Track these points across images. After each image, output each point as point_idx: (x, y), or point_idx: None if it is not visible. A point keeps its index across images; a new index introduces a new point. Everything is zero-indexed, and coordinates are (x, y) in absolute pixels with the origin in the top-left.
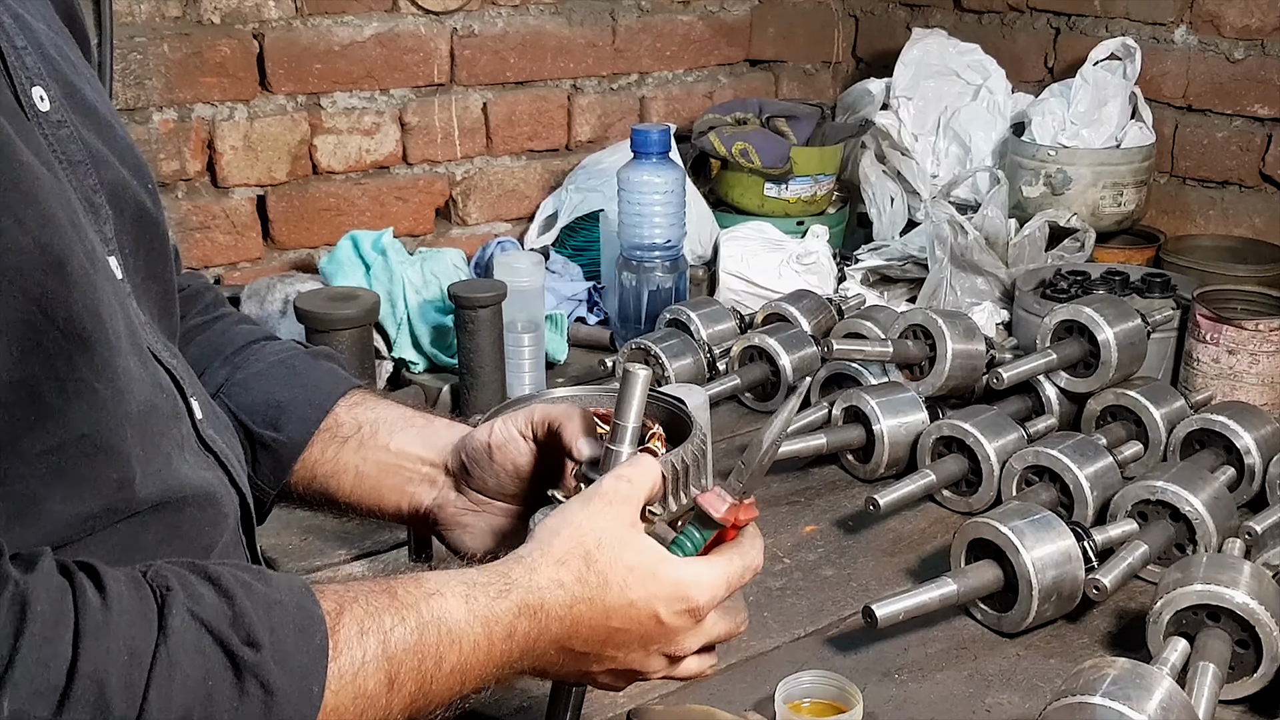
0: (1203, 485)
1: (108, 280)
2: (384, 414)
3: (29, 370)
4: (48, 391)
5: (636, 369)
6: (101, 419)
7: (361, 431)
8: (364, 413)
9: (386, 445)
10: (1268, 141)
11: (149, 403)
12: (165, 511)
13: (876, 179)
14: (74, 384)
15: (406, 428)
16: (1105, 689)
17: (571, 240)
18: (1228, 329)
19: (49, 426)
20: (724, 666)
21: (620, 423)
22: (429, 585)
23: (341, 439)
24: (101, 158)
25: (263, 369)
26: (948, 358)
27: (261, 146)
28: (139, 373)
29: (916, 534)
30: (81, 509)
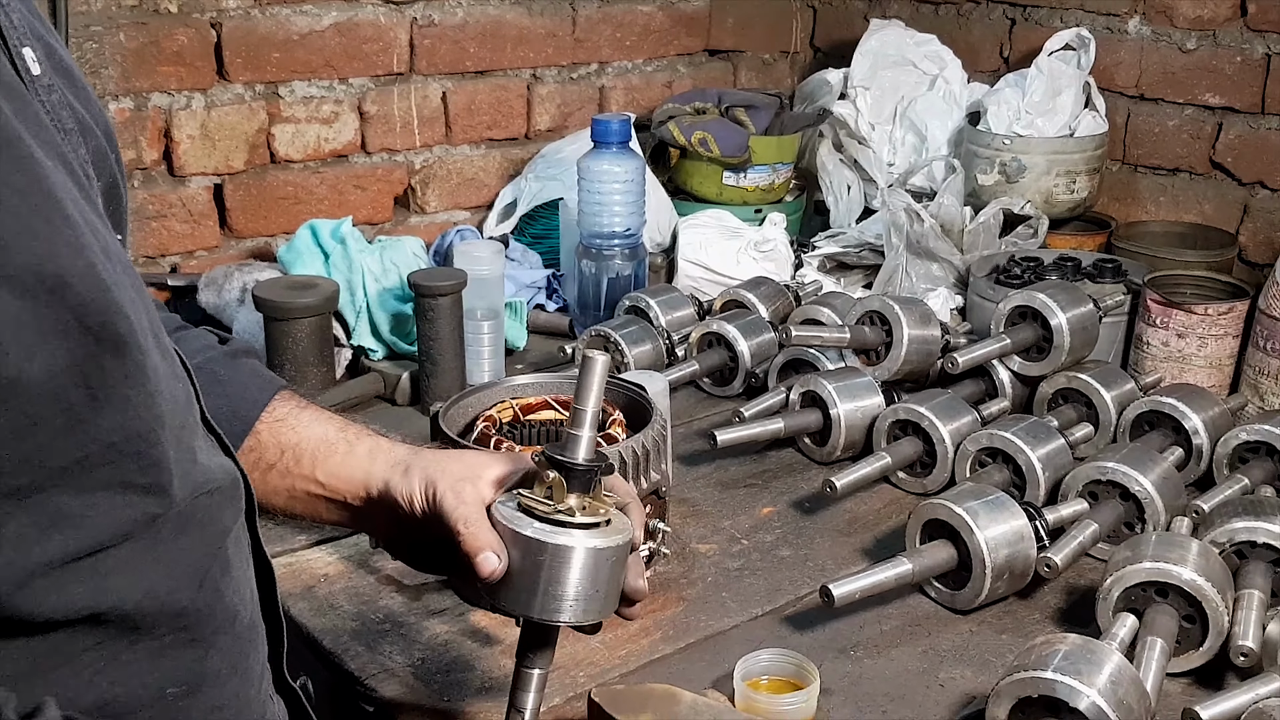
0: (1151, 465)
1: (125, 272)
2: (306, 436)
3: (61, 381)
4: (78, 401)
5: (595, 354)
6: (133, 425)
7: (284, 458)
8: (286, 434)
9: (313, 475)
10: (1218, 129)
11: (174, 397)
12: (196, 507)
13: (834, 167)
14: (105, 391)
15: (330, 455)
16: (1056, 664)
17: (530, 228)
18: (1177, 313)
19: (78, 437)
20: (681, 646)
21: (580, 407)
22: None
23: (267, 464)
24: (86, 125)
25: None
26: (904, 343)
27: (219, 135)
28: (164, 367)
29: (872, 515)
30: (117, 517)
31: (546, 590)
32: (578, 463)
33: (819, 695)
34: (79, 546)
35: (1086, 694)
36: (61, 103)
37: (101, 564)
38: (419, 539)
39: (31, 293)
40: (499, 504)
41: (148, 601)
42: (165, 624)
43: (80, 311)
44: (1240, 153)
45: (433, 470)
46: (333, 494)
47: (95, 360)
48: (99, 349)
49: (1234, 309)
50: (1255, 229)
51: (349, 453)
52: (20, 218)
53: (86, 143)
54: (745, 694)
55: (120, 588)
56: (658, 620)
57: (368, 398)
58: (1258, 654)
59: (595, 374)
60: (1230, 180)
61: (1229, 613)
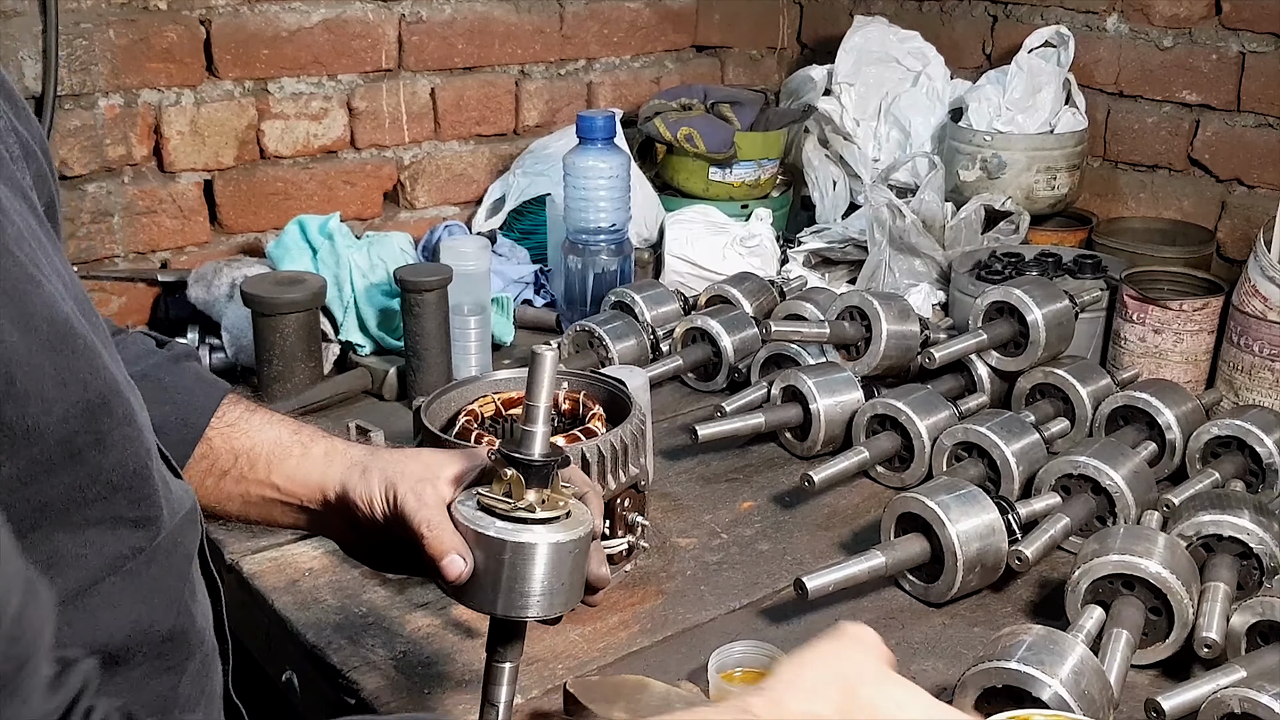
0: (1123, 460)
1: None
2: (259, 440)
3: (74, 427)
4: (85, 445)
5: (544, 349)
6: (129, 463)
7: (239, 463)
8: (239, 439)
9: (268, 479)
10: (1195, 127)
11: (148, 428)
12: (172, 533)
13: (819, 163)
14: (109, 434)
15: (285, 458)
16: (1021, 654)
17: (519, 224)
18: (1153, 309)
19: (82, 479)
20: (660, 639)
21: (532, 403)
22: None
23: (220, 471)
24: (29, 148)
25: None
26: (883, 338)
27: (209, 132)
28: (135, 402)
29: (850, 509)
30: (108, 552)
31: (512, 587)
32: (534, 459)
33: None
34: (74, 585)
35: (1049, 684)
36: (7, 128)
37: (92, 600)
38: (379, 541)
39: (51, 344)
40: (459, 504)
41: (134, 634)
42: (145, 654)
43: (87, 356)
44: (1217, 150)
45: (391, 472)
46: (289, 498)
47: (100, 403)
48: (103, 391)
49: (1209, 305)
50: (1233, 225)
51: (304, 455)
52: (22, 266)
53: (29, 166)
54: (719, 685)
55: (109, 623)
56: (636, 613)
57: (355, 393)
58: (1221, 645)
59: (545, 369)
60: (1208, 177)
61: (1194, 605)
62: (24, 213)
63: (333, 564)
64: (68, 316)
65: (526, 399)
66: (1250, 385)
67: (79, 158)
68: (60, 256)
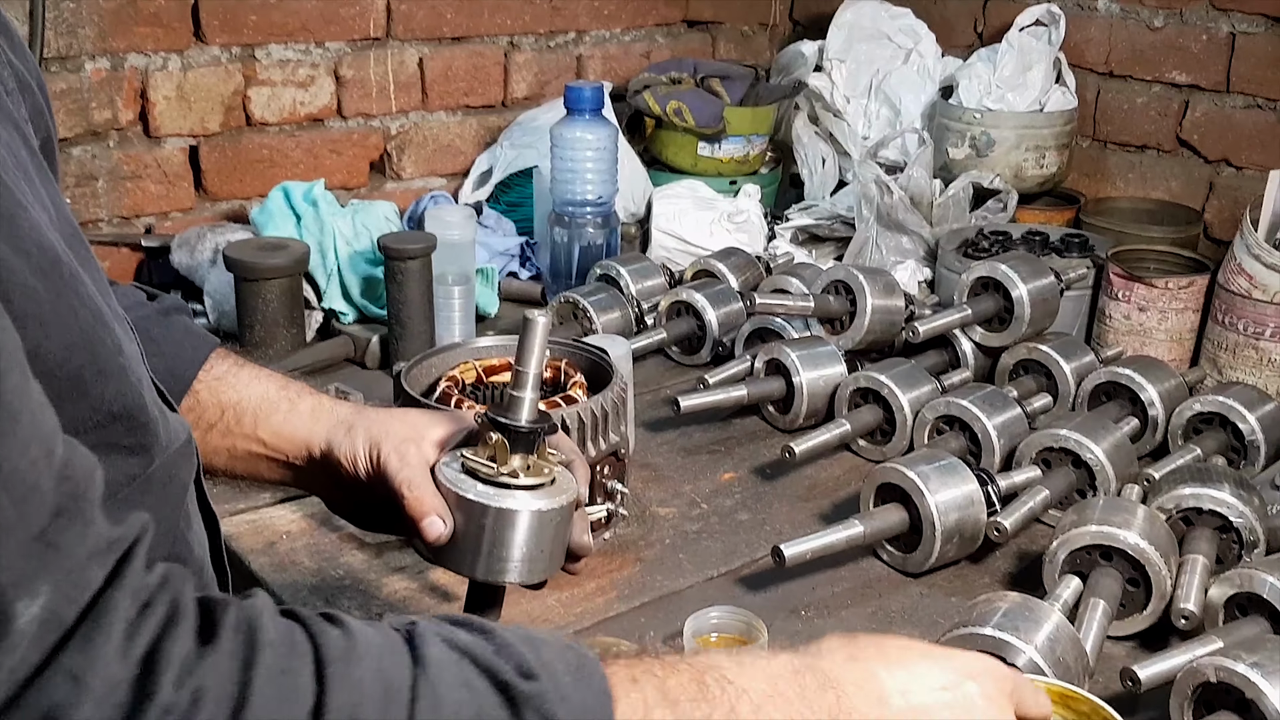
0: (1104, 434)
1: (74, 234)
2: (246, 394)
3: (74, 356)
4: (89, 375)
5: (536, 315)
6: (127, 392)
7: (225, 417)
8: (226, 392)
9: (253, 433)
10: (1184, 107)
11: (136, 359)
12: (167, 463)
13: (809, 140)
14: (106, 362)
15: (271, 413)
16: (996, 621)
17: (506, 196)
18: (1139, 286)
19: (83, 408)
20: (636, 604)
21: (521, 369)
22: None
23: (206, 424)
24: (24, 82)
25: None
26: (867, 312)
27: (195, 97)
28: (122, 334)
29: (831, 481)
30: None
31: (491, 552)
32: (520, 425)
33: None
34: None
35: (1024, 650)
36: (3, 62)
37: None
38: (363, 499)
39: (41, 269)
40: (443, 465)
41: None
42: None
43: (73, 284)
44: (1206, 130)
45: (376, 431)
46: (275, 453)
47: (95, 332)
48: (94, 321)
49: (1194, 283)
50: (1220, 206)
51: (291, 411)
52: (10, 191)
53: (25, 100)
54: (694, 650)
55: None
56: (614, 580)
57: (337, 360)
58: (1199, 617)
59: (536, 336)
60: (1196, 158)
61: (1172, 577)
62: (15, 144)
63: (310, 527)
64: (54, 244)
65: (516, 364)
66: (1234, 363)
67: (64, 121)
68: (53, 190)
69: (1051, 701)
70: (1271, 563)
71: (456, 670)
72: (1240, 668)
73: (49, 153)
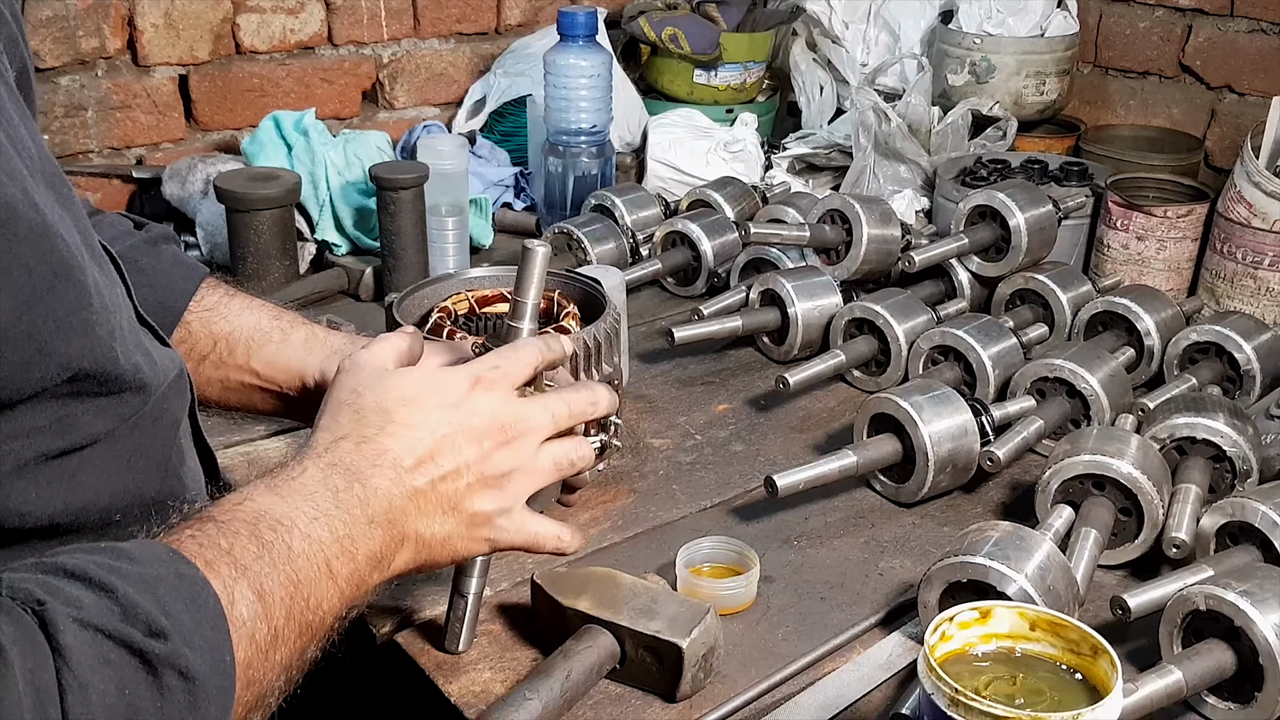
0: (1099, 363)
1: (47, 178)
2: (238, 325)
3: (29, 315)
4: (47, 334)
5: (535, 245)
6: (94, 347)
7: (217, 348)
8: (217, 323)
9: (246, 364)
10: (1188, 32)
11: (115, 304)
12: (157, 401)
13: (806, 67)
14: (68, 319)
15: (264, 343)
16: (987, 550)
17: (499, 125)
18: (1137, 215)
19: (46, 366)
20: (630, 535)
21: (520, 299)
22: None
23: (199, 356)
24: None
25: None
26: (863, 242)
27: (183, 24)
28: (101, 277)
29: (825, 412)
30: (88, 423)
31: None
32: None
33: (759, 582)
34: (52, 449)
35: (1014, 579)
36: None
37: (74, 464)
38: None
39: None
40: None
41: (119, 497)
42: (135, 516)
43: (31, 240)
44: (1209, 56)
45: None
46: (268, 384)
47: (54, 290)
48: (54, 278)
49: (1193, 211)
50: (1221, 133)
51: (284, 341)
52: None
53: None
54: (687, 579)
55: (92, 487)
56: (608, 510)
57: (331, 293)
58: (1190, 546)
59: (535, 265)
60: (1199, 84)
61: (1164, 506)
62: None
63: None
64: (9, 200)
65: (515, 294)
66: (1231, 293)
67: (51, 49)
68: (29, 127)
69: (1041, 630)
70: (1264, 492)
71: (94, 649)
72: (1230, 596)
73: (25, 85)
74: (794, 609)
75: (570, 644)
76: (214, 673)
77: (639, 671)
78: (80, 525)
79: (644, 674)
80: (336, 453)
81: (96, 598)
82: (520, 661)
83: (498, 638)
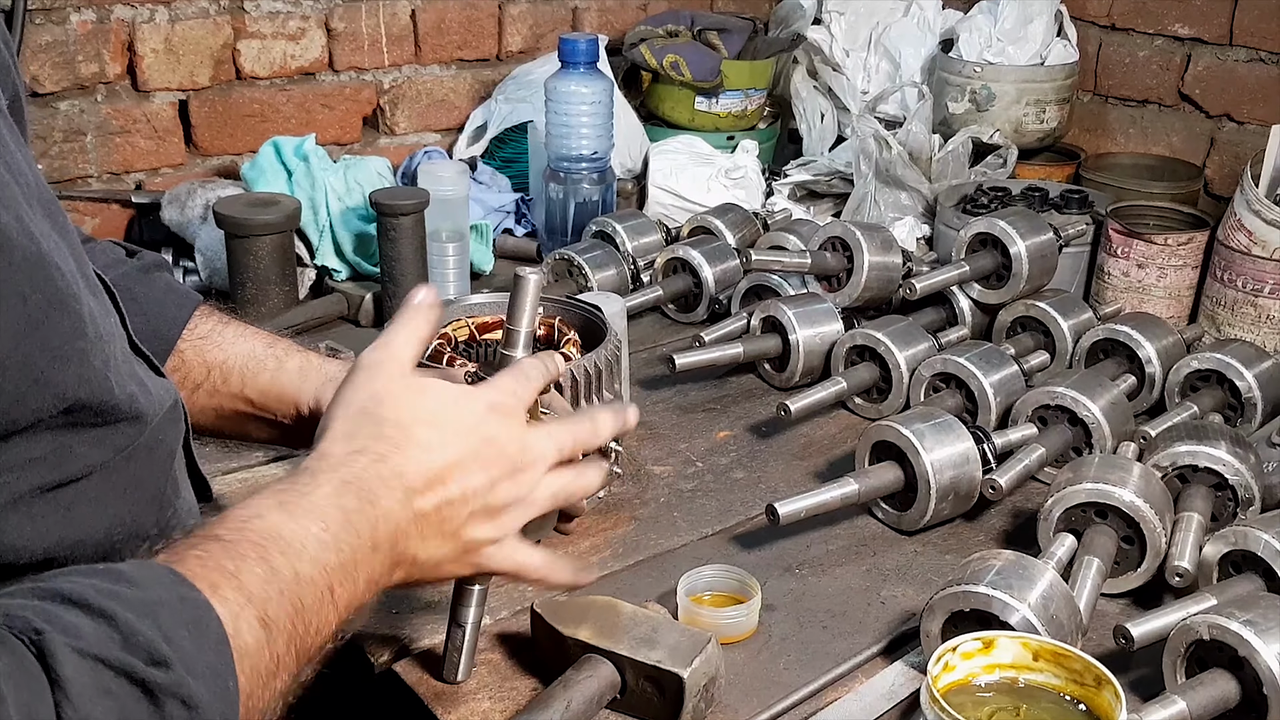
0: (1101, 391)
1: (43, 205)
2: (232, 353)
3: (25, 345)
4: (42, 363)
5: (528, 273)
6: (88, 377)
7: (211, 377)
8: (211, 351)
9: (240, 393)
10: (1187, 60)
11: (110, 334)
12: (153, 432)
13: (807, 94)
14: (63, 349)
15: (259, 371)
16: (990, 579)
17: (500, 152)
18: (1138, 243)
19: (41, 397)
20: (631, 563)
21: (513, 327)
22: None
23: (193, 384)
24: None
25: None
26: (864, 269)
27: (183, 50)
28: (96, 305)
29: (827, 439)
30: (83, 454)
31: None
32: None
33: (760, 610)
34: (48, 481)
35: (1018, 609)
36: None
37: (70, 497)
38: None
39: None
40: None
41: (115, 529)
42: (131, 549)
43: (25, 269)
44: (1208, 85)
45: None
46: (263, 412)
47: (49, 319)
48: (49, 307)
49: (1193, 239)
50: (1221, 162)
51: (279, 369)
52: None
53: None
54: (688, 607)
55: (88, 519)
56: (609, 538)
57: (330, 318)
58: (1193, 575)
59: (528, 293)
60: (1198, 112)
61: (1167, 535)
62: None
63: None
64: (3, 228)
65: (507, 323)
66: (1232, 320)
67: (50, 74)
68: (24, 153)
69: (1045, 660)
70: (1266, 520)
71: (93, 680)
72: (1233, 625)
73: (17, 112)
74: (796, 638)
75: (570, 674)
76: (217, 699)
77: (640, 702)
78: (76, 559)
79: (645, 704)
80: (352, 468)
81: (96, 625)
82: (520, 691)
83: (497, 667)
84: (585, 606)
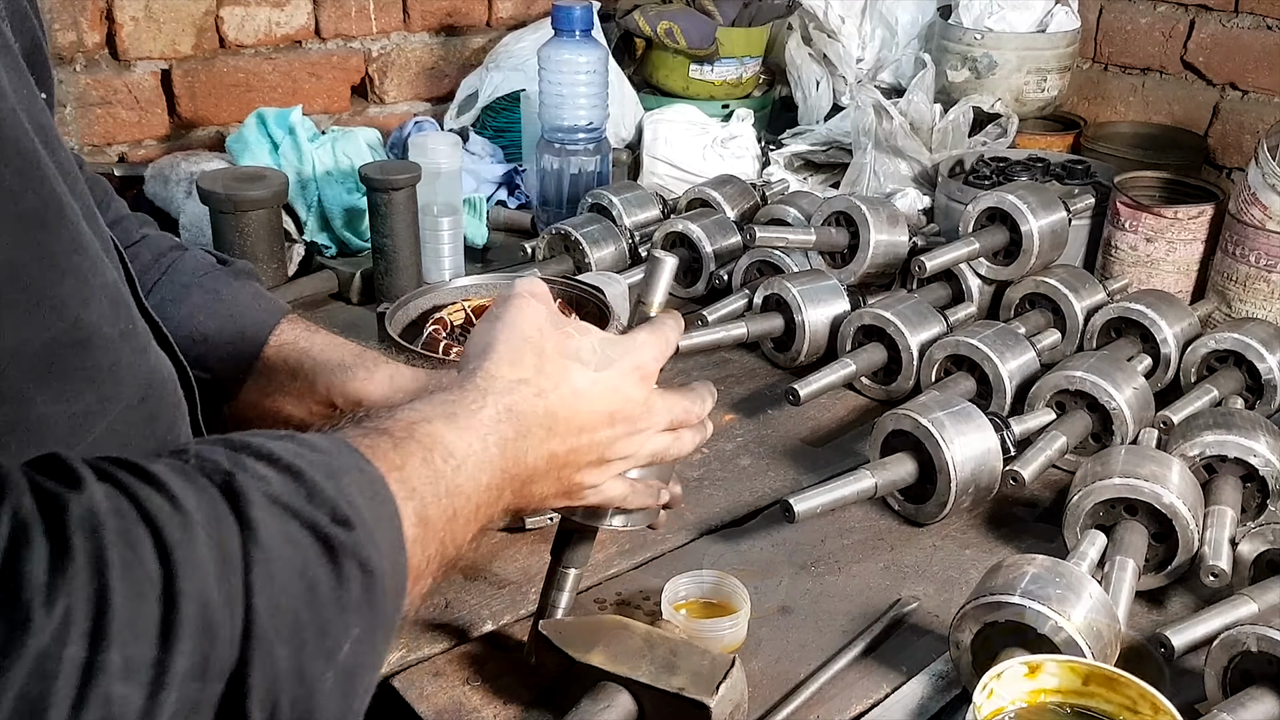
0: (1123, 378)
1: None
2: (321, 361)
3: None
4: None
5: (664, 256)
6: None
7: (298, 382)
8: (298, 358)
9: (327, 398)
10: (1190, 27)
11: (112, 276)
12: (147, 398)
13: (803, 62)
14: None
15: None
16: (1024, 587)
17: (492, 121)
18: (1147, 216)
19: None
20: (639, 561)
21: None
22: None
23: (278, 389)
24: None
25: (181, 291)
26: (870, 246)
27: (164, 18)
28: (96, 242)
29: (834, 422)
30: (75, 406)
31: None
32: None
33: (757, 618)
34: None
35: (1063, 627)
36: None
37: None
38: None
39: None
40: None
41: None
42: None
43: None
44: (1212, 52)
45: None
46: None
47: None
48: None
49: (1204, 212)
50: (1224, 131)
51: (368, 379)
52: None
53: (6, 3)
54: (671, 615)
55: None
56: (615, 536)
57: (320, 296)
58: (1229, 575)
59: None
60: (1201, 81)
61: (1199, 532)
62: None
63: None
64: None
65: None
66: (1244, 296)
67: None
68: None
69: (1096, 685)
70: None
71: (280, 526)
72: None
73: (37, 59)
74: (815, 644)
75: (586, 705)
76: (392, 571)
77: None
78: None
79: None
80: (515, 397)
81: (283, 478)
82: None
83: (504, 685)
84: (594, 627)
